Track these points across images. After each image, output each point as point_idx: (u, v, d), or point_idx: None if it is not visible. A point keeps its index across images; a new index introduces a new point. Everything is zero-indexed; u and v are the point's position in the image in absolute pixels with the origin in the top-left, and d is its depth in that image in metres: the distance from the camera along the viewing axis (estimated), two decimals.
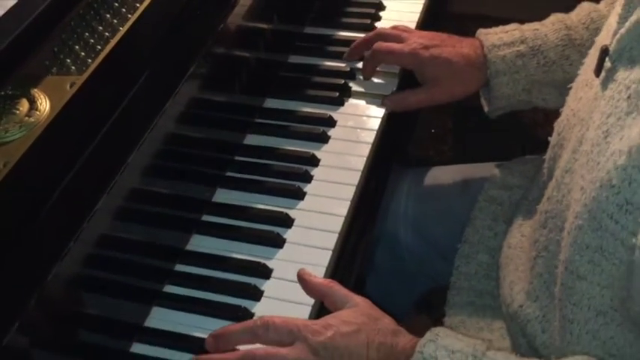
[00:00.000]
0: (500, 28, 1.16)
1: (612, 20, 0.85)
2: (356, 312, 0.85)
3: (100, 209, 0.80)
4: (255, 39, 1.13)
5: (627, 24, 0.78)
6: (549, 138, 1.00)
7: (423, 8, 1.31)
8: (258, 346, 0.82)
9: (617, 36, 0.79)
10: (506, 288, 1.00)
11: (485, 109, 1.20)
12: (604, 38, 0.86)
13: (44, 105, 0.85)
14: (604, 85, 0.82)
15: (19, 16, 0.86)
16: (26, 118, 0.83)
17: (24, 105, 0.84)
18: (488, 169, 1.21)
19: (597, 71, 0.84)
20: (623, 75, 0.78)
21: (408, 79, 1.19)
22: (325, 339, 0.80)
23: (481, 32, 1.16)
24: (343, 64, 1.20)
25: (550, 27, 1.14)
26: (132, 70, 0.90)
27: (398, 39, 1.16)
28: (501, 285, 1.02)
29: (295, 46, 1.23)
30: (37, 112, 0.84)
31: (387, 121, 1.13)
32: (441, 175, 1.26)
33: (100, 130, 0.83)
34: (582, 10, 1.14)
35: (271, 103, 1.14)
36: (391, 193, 1.23)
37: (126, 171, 0.84)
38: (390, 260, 1.25)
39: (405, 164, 1.32)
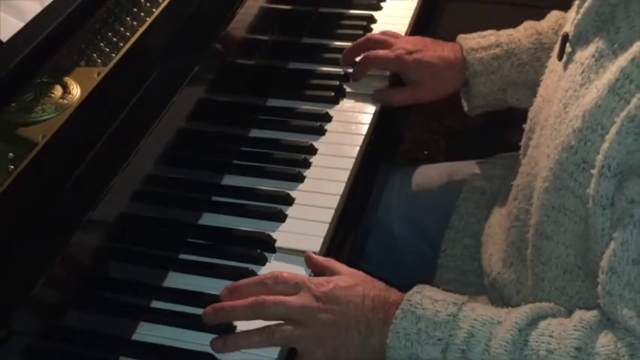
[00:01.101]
0: (478, 33, 1.28)
1: (572, 11, 0.98)
2: (353, 274, 0.96)
3: (122, 178, 0.90)
4: (259, 47, 1.25)
5: (582, 10, 0.90)
6: (524, 125, 1.11)
7: (410, 21, 1.44)
8: None
9: (575, 22, 0.91)
10: (486, 260, 1.11)
11: (465, 108, 1.32)
12: (566, 27, 0.98)
13: (75, 90, 0.96)
14: (565, 66, 0.94)
15: (51, 15, 0.98)
16: (60, 100, 0.95)
17: (58, 90, 0.96)
18: (470, 165, 1.33)
19: (560, 56, 0.96)
20: (579, 55, 0.90)
21: (397, 82, 1.31)
22: (327, 289, 0.91)
23: (460, 37, 1.28)
24: (338, 69, 1.32)
25: (523, 32, 1.26)
26: (148, 64, 1.01)
27: (385, 44, 1.28)
28: (482, 258, 1.13)
29: (295, 54, 1.35)
30: (70, 96, 0.95)
31: (379, 118, 1.24)
32: (429, 171, 1.38)
33: (122, 111, 0.94)
34: (551, 17, 1.26)
35: (273, 102, 1.26)
36: (383, 190, 1.33)
37: (143, 149, 0.94)
38: (384, 252, 1.35)
39: (395, 164, 1.43)
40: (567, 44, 0.94)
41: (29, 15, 0.94)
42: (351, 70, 1.31)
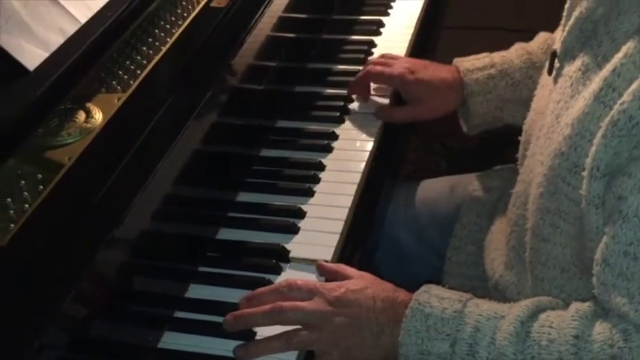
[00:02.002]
0: (473, 56, 1.35)
1: (559, 30, 1.04)
2: (363, 277, 1.02)
3: (143, 197, 0.96)
4: (267, 72, 1.32)
5: (567, 28, 0.96)
6: (519, 138, 1.18)
7: (408, 45, 1.50)
8: None
9: (561, 39, 0.98)
10: (489, 265, 1.17)
11: (465, 129, 1.38)
12: (555, 45, 1.05)
13: (98, 115, 1.03)
14: (555, 80, 1.00)
15: (74, 46, 1.04)
16: (84, 124, 1.01)
17: (81, 115, 1.02)
18: (470, 178, 1.39)
19: (550, 71, 1.02)
20: (567, 69, 0.97)
21: (399, 102, 1.38)
22: (339, 294, 0.97)
23: (457, 60, 1.35)
24: (342, 90, 1.38)
25: (514, 53, 1.33)
26: (165, 90, 1.08)
27: (387, 65, 1.35)
28: (485, 263, 1.19)
29: (301, 78, 1.42)
30: (93, 120, 1.02)
31: (382, 135, 1.31)
32: (431, 185, 1.44)
33: (142, 134, 1.00)
34: (540, 38, 1.33)
35: (282, 123, 1.32)
36: (389, 205, 1.39)
37: (162, 169, 1.00)
38: (392, 263, 1.41)
39: (399, 180, 1.49)
40: (556, 60, 1.00)
41: (53, 46, 1.00)
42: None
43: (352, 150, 1.27)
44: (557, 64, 1.00)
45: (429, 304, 0.94)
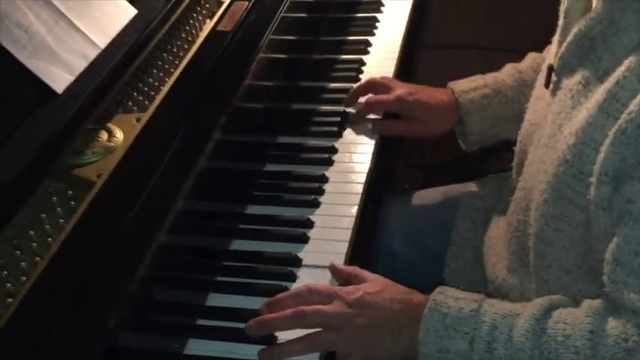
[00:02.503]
0: (467, 78, 1.42)
1: (553, 46, 1.12)
2: (377, 280, 1.07)
3: (174, 209, 1.01)
4: (267, 93, 1.38)
5: (565, 44, 1.04)
6: (514, 147, 1.25)
7: (396, 63, 1.58)
8: None
9: (559, 55, 1.05)
10: (491, 269, 1.23)
11: (463, 147, 1.45)
12: (549, 60, 1.13)
13: (119, 134, 1.08)
14: (553, 93, 1.08)
15: (96, 70, 1.09)
16: (107, 143, 1.07)
17: (104, 135, 1.08)
18: (463, 187, 1.46)
19: (547, 84, 1.10)
20: (566, 82, 1.04)
21: (391, 115, 1.44)
22: (357, 296, 1.03)
23: (451, 82, 1.42)
24: (339, 107, 1.44)
25: (506, 73, 1.41)
26: (180, 110, 1.13)
27: (386, 87, 1.42)
28: (486, 268, 1.25)
29: (299, 96, 1.49)
30: (115, 139, 1.07)
31: (379, 147, 1.37)
32: (425, 195, 1.50)
33: (166, 149, 1.05)
34: (529, 58, 1.41)
35: (282, 139, 1.38)
36: (385, 215, 1.46)
37: (182, 186, 1.05)
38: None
39: (393, 192, 1.56)
40: (553, 74, 1.08)
41: (77, 70, 1.05)
42: (350, 110, 1.44)
43: (352, 162, 1.33)
44: (554, 77, 1.07)
45: (445, 304, 1.00)
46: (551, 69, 1.08)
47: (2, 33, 0.98)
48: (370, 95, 1.43)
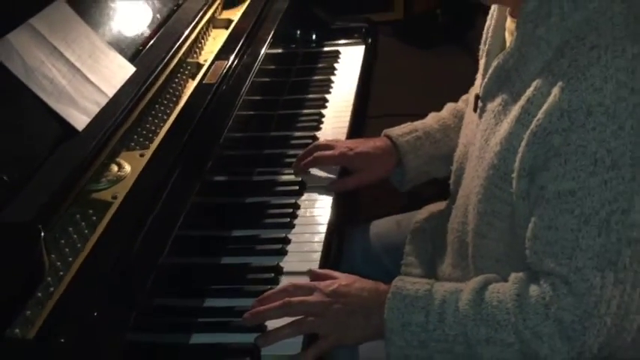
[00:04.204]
0: (398, 126, 1.66)
1: (478, 80, 1.38)
2: (349, 276, 1.29)
3: (180, 225, 1.22)
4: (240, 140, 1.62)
5: (487, 76, 1.29)
6: (451, 167, 1.49)
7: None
8: None
9: (483, 85, 1.31)
10: (440, 271, 1.46)
11: (397, 186, 1.67)
12: (475, 90, 1.38)
13: (127, 167, 1.29)
14: (480, 116, 1.33)
15: (109, 111, 1.30)
16: (118, 173, 1.27)
17: (114, 167, 1.29)
18: (412, 214, 1.69)
19: (475, 109, 1.35)
20: (489, 106, 1.29)
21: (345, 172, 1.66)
22: (333, 288, 1.24)
23: (386, 130, 1.66)
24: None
25: (431, 119, 1.67)
26: (173, 146, 1.35)
27: (329, 147, 1.64)
28: (437, 271, 1.47)
29: (262, 162, 1.70)
30: (124, 169, 1.28)
31: (336, 201, 1.57)
32: (381, 223, 1.74)
33: (167, 178, 1.26)
34: (449, 107, 1.69)
35: (252, 199, 1.56)
36: (349, 243, 1.68)
37: (188, 203, 1.26)
38: None
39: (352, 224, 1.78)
40: (479, 101, 1.33)
41: (92, 113, 1.27)
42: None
43: (316, 207, 1.55)
44: (480, 103, 1.33)
45: (404, 288, 1.22)
46: (477, 97, 1.34)
47: (33, 82, 1.20)
48: (318, 152, 1.64)
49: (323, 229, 1.47)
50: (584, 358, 1.13)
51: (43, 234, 0.99)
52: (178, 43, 1.52)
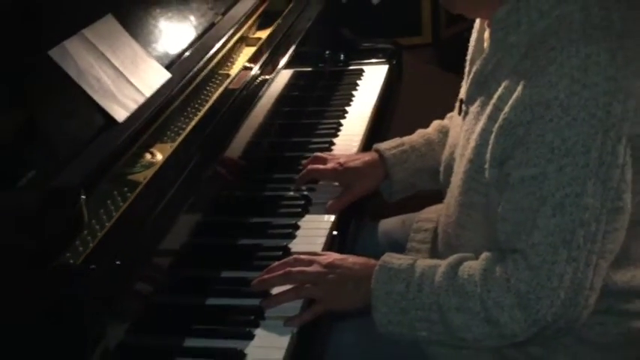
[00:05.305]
0: (387, 141, 1.83)
1: (463, 87, 1.57)
2: (343, 254, 1.48)
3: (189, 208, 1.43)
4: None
5: (468, 83, 1.48)
6: (440, 168, 1.67)
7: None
8: None
9: (466, 90, 1.50)
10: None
11: (386, 197, 1.83)
12: (460, 95, 1.57)
13: (159, 155, 1.51)
14: (464, 118, 1.51)
15: (145, 110, 1.53)
16: (150, 160, 1.50)
17: (147, 155, 1.51)
18: (415, 214, 1.87)
19: (459, 112, 1.54)
20: (471, 108, 1.47)
21: None
22: (329, 261, 1.44)
23: (375, 145, 1.83)
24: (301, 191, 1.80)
25: (417, 135, 1.83)
26: (197, 140, 1.56)
27: (323, 161, 1.82)
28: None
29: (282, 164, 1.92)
30: (156, 157, 1.50)
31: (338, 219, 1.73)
32: (387, 222, 1.92)
33: (186, 166, 1.47)
34: (434, 123, 1.85)
35: (255, 219, 1.71)
36: (357, 240, 1.86)
37: (200, 186, 1.48)
38: None
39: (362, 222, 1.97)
40: (463, 105, 1.52)
41: (131, 109, 1.50)
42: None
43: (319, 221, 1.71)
44: (464, 107, 1.51)
45: (390, 262, 1.40)
46: (461, 101, 1.53)
47: (84, 81, 1.45)
48: (311, 165, 1.80)
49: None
50: (540, 326, 1.28)
51: (83, 197, 1.21)
52: (208, 56, 1.75)
